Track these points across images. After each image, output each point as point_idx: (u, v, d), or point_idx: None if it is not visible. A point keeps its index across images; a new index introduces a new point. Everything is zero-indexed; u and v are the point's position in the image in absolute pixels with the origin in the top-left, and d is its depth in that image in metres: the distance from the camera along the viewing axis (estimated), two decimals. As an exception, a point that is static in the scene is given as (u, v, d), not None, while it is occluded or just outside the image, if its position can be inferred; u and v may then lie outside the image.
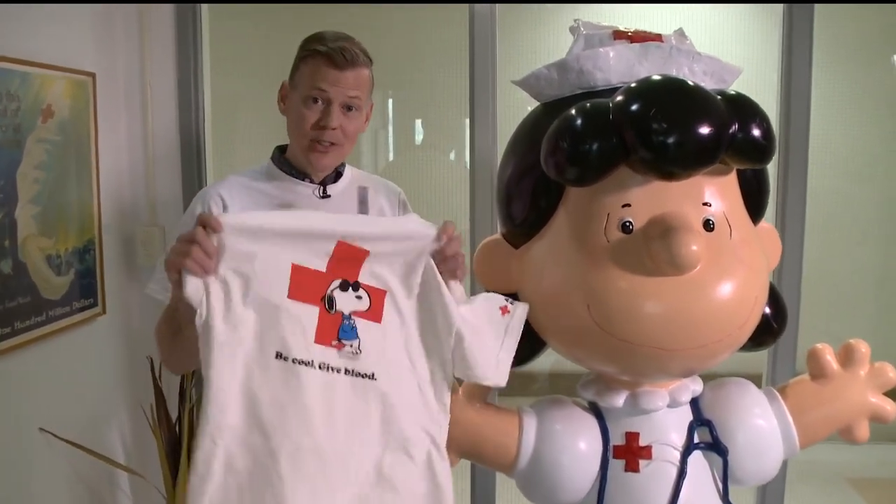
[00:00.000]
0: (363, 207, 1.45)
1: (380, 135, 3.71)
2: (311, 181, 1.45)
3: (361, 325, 1.27)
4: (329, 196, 1.44)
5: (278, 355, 1.22)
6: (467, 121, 2.20)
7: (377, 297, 1.29)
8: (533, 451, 1.45)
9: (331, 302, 1.26)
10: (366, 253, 1.27)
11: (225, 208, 1.36)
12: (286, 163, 1.47)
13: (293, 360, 1.23)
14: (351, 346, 1.27)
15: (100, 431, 2.08)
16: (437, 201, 2.54)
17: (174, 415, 2.18)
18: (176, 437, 2.17)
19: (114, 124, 2.16)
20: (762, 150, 1.30)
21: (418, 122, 3.36)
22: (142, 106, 2.25)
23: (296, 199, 1.40)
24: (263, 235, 1.20)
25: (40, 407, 1.81)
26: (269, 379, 1.21)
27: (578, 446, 1.45)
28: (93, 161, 2.01)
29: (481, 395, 1.51)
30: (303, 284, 1.23)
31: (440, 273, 1.29)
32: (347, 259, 1.26)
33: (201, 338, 1.19)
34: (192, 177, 2.33)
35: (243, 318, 1.20)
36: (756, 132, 1.28)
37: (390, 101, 3.36)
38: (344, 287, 1.26)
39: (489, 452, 1.50)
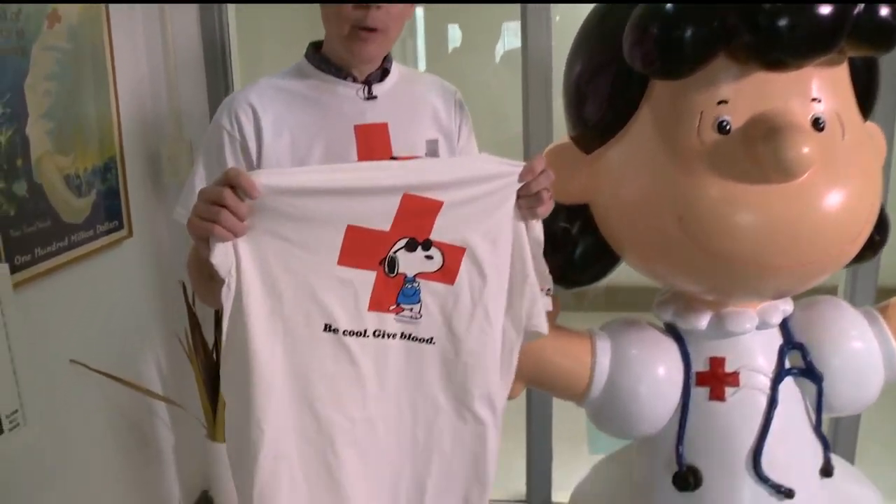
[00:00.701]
0: (413, 112, 1.28)
1: (408, 45, 3.50)
2: (354, 80, 1.22)
3: (427, 287, 1.12)
4: (375, 97, 1.21)
5: (327, 328, 1.08)
6: (510, 23, 1.99)
7: (453, 256, 1.11)
8: (607, 378, 1.33)
9: (392, 264, 1.09)
10: (439, 204, 1.07)
11: (256, 118, 1.17)
12: (323, 60, 1.22)
13: (344, 332, 1.09)
14: (411, 310, 1.12)
15: (134, 361, 1.98)
16: (481, 109, 2.35)
17: (210, 341, 2.08)
18: (213, 365, 2.07)
19: (129, 30, 1.98)
20: (889, 33, 1.11)
21: (452, 28, 3.13)
22: (159, 8, 2.06)
23: (337, 102, 1.20)
24: (310, 195, 1.01)
25: (69, 338, 1.70)
26: (317, 355, 1.08)
27: (657, 373, 1.33)
28: (109, 71, 1.84)
29: (551, 317, 1.38)
30: (358, 248, 1.06)
31: (521, 212, 1.13)
32: (417, 213, 1.07)
33: (232, 313, 1.02)
34: (218, 84, 2.13)
35: (283, 289, 1.04)
36: (884, 12, 1.08)
37: (419, 8, 3.12)
38: (411, 247, 1.08)
39: (558, 380, 1.37)
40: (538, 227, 1.16)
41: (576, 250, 1.37)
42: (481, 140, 1.38)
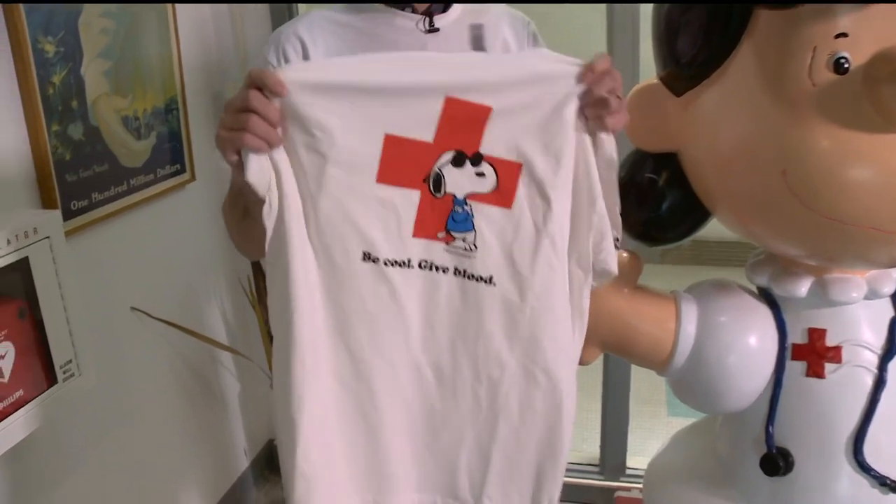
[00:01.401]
0: (478, 47, 1.13)
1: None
2: (414, 10, 1.10)
3: (481, 211, 0.99)
4: (437, 29, 1.09)
5: (366, 256, 0.97)
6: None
7: (507, 173, 0.97)
8: (692, 347, 1.20)
9: (438, 182, 0.97)
10: (487, 110, 0.93)
11: (305, 53, 1.07)
12: None
13: (385, 262, 0.97)
14: (464, 239, 0.99)
15: (197, 309, 1.95)
16: (561, 46, 2.17)
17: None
18: (278, 313, 2.02)
19: (191, -35, 1.90)
20: None
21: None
22: (221, -58, 1.97)
23: (394, 35, 1.09)
24: (343, 94, 0.90)
25: (129, 285, 1.67)
26: (355, 286, 0.97)
27: (748, 343, 1.19)
28: (169, 8, 1.77)
29: (631, 276, 1.25)
30: (399, 162, 0.94)
31: (587, 122, 0.97)
32: (463, 121, 0.94)
33: (273, 236, 0.93)
34: (283, 21, 2.00)
35: (319, 211, 0.94)
36: None
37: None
38: (458, 161, 0.96)
39: (638, 347, 1.25)
40: (609, 144, 0.98)
41: (662, 204, 1.23)
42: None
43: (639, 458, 2.14)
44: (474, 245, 0.99)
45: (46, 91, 1.39)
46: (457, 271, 1.00)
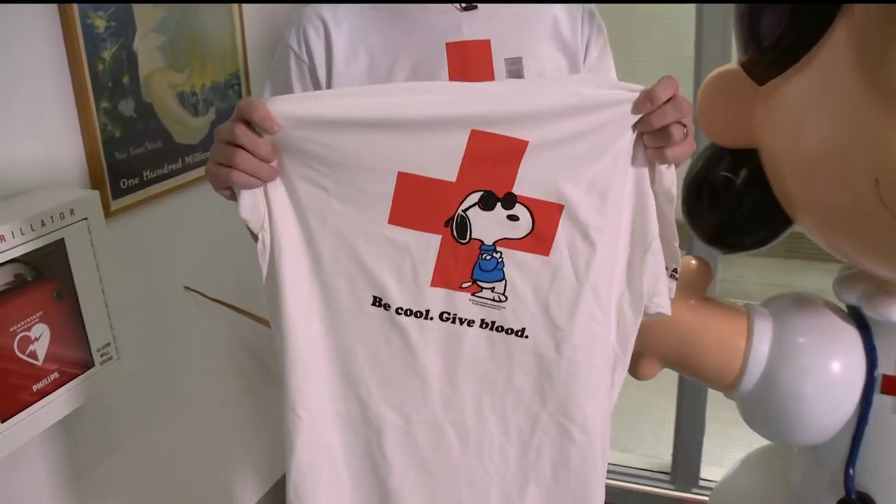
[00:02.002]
0: (525, 24, 0.97)
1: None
2: None
3: (513, 258, 0.87)
4: (475, 6, 0.94)
5: (376, 302, 0.87)
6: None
7: (546, 216, 0.85)
8: (765, 369, 1.07)
9: (463, 227, 0.85)
10: (522, 145, 0.81)
11: (327, 35, 0.95)
12: None
13: (398, 311, 0.87)
14: (492, 289, 0.88)
15: (252, 289, 1.90)
16: (647, 23, 1.99)
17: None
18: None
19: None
20: None
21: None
22: None
23: (426, 13, 0.95)
24: (346, 129, 0.79)
25: (183, 264, 1.64)
26: (364, 333, 0.88)
27: (830, 370, 1.05)
28: (235, -20, 1.72)
29: (699, 285, 1.12)
30: (414, 202, 0.83)
31: (644, 151, 0.85)
32: (492, 157, 0.82)
33: (268, 275, 0.85)
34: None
35: (323, 250, 0.85)
36: None
37: None
38: (487, 203, 0.84)
39: (704, 365, 1.12)
40: (669, 177, 0.86)
41: (739, 207, 1.09)
42: (646, 62, 1.10)
43: (714, 468, 1.99)
44: (504, 296, 0.88)
45: (96, 67, 1.35)
46: (484, 324, 0.90)
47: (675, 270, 0.93)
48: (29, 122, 1.26)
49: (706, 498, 1.98)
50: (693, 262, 1.12)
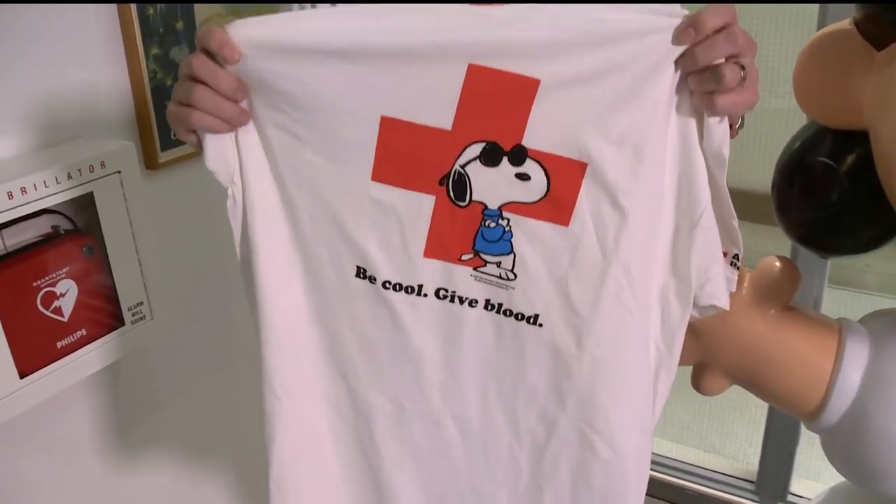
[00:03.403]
0: None
1: None
2: None
3: (522, 227, 0.72)
4: None
5: (360, 273, 0.75)
6: None
7: (564, 175, 0.70)
8: (854, 401, 0.88)
9: (461, 185, 0.71)
10: (532, 85, 0.65)
11: None
12: None
13: (385, 284, 0.75)
14: (498, 264, 0.74)
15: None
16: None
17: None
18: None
19: None
20: None
21: None
22: None
23: None
24: (319, 59, 0.66)
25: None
26: (348, 307, 0.76)
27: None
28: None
29: (782, 292, 0.94)
30: (402, 155, 0.70)
31: (691, 98, 0.68)
32: (496, 100, 0.67)
33: (241, 238, 0.75)
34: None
35: (299, 210, 0.73)
36: None
37: None
38: (491, 157, 0.69)
39: (779, 388, 0.94)
40: (718, 134, 0.69)
41: (839, 201, 0.90)
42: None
43: (806, 482, 1.79)
44: (512, 272, 0.74)
45: (146, 11, 1.28)
46: (489, 305, 0.76)
47: (736, 257, 0.76)
48: (75, 69, 1.21)
49: (794, 515, 1.80)
50: (776, 263, 0.94)
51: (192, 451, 1.56)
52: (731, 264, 0.76)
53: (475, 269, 0.74)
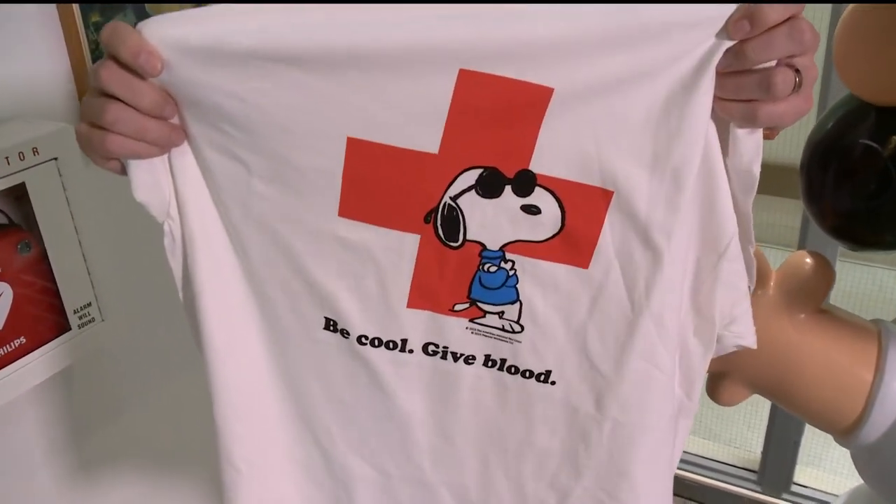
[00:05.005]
0: None
1: None
2: None
3: (531, 271, 0.60)
4: None
5: (330, 325, 0.62)
6: None
7: (584, 208, 0.57)
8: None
9: (452, 222, 0.58)
10: (544, 94, 0.52)
11: None
12: None
13: (361, 340, 0.62)
14: (500, 313, 0.61)
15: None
16: None
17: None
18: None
19: None
20: None
21: None
22: None
23: None
24: (268, 67, 0.52)
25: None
26: (316, 364, 0.64)
27: None
28: None
29: (814, 294, 0.82)
30: (376, 185, 0.56)
31: (722, 108, 0.54)
32: (495, 114, 0.53)
33: (183, 281, 0.62)
34: None
35: (250, 249, 0.60)
36: None
37: None
38: (490, 187, 0.56)
39: (812, 400, 0.83)
40: (749, 148, 0.55)
41: (881, 189, 0.78)
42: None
43: (810, 470, 1.70)
44: (518, 324, 0.62)
45: (84, -28, 1.13)
46: (489, 361, 0.64)
47: (748, 288, 0.64)
48: (6, 42, 1.07)
49: (798, 507, 1.71)
50: (807, 260, 0.82)
51: (157, 461, 1.44)
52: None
53: (472, 320, 0.62)
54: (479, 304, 0.62)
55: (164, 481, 1.46)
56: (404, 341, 0.63)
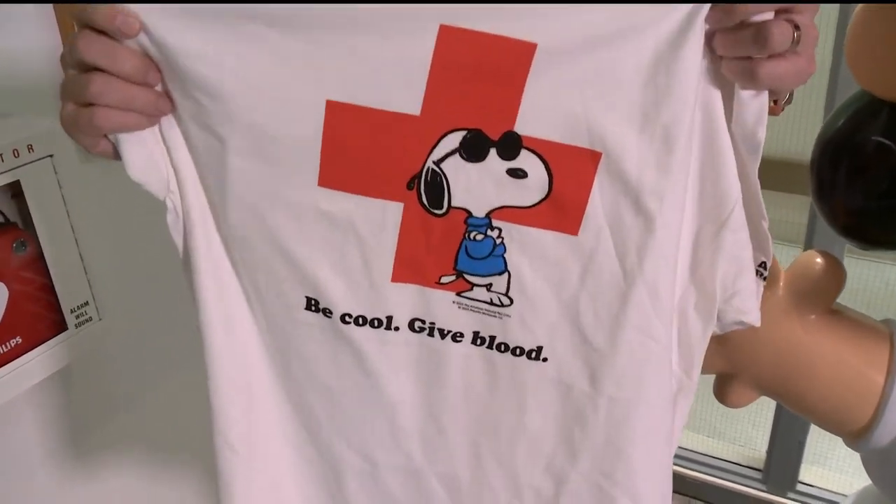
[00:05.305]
0: None
1: None
2: None
3: (518, 238, 0.57)
4: None
5: (311, 305, 0.60)
6: None
7: (572, 170, 0.54)
8: (909, 423, 0.76)
9: (437, 188, 0.56)
10: (527, 50, 0.50)
11: None
12: None
13: (344, 319, 0.60)
14: (488, 286, 0.59)
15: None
16: None
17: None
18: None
19: None
20: None
21: None
22: None
23: None
24: (239, 27, 0.50)
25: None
26: (299, 345, 0.62)
27: None
28: None
29: (825, 294, 0.80)
30: (357, 151, 0.54)
31: (717, 65, 0.53)
32: (478, 72, 0.51)
33: (183, 257, 0.60)
34: None
35: (230, 227, 0.58)
36: None
37: None
38: (475, 149, 0.54)
39: (821, 403, 0.82)
40: (753, 111, 0.53)
41: (894, 187, 0.77)
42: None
43: (816, 469, 1.69)
44: (507, 296, 0.59)
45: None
46: (478, 338, 0.61)
47: (762, 265, 0.62)
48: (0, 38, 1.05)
49: (804, 505, 1.70)
50: (817, 259, 0.81)
51: (155, 459, 1.43)
52: (756, 273, 0.63)
53: (459, 293, 0.60)
54: (466, 276, 0.59)
55: (163, 479, 1.45)
56: (389, 318, 0.61)
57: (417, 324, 0.61)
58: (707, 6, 0.49)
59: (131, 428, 1.35)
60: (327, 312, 0.60)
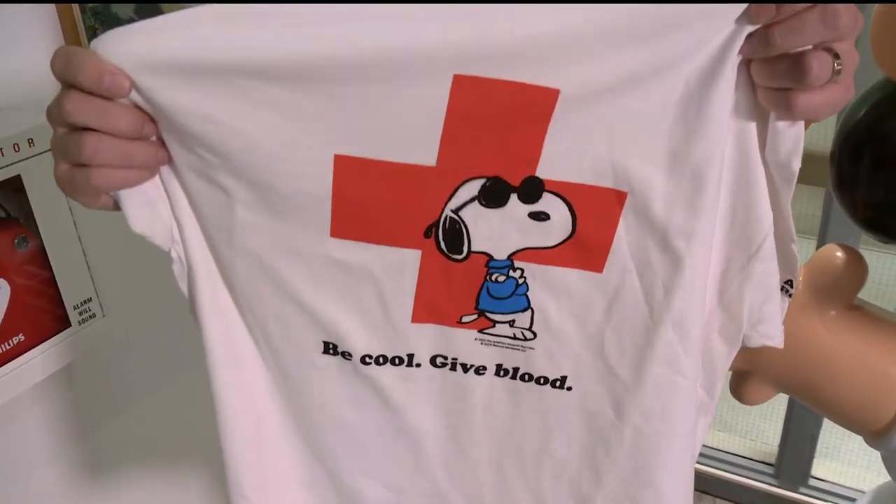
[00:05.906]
0: None
1: None
2: None
3: (541, 278, 0.56)
4: None
5: (330, 349, 0.58)
6: None
7: (596, 210, 0.52)
8: (934, 419, 0.74)
9: (455, 233, 0.53)
10: (550, 97, 0.47)
11: None
12: None
13: (365, 360, 0.58)
14: (511, 322, 0.57)
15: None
16: None
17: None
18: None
19: None
20: None
21: None
22: None
23: None
24: (240, 83, 0.46)
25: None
26: (317, 390, 0.61)
27: None
28: None
29: (846, 289, 0.78)
30: (370, 202, 0.52)
31: (753, 94, 0.50)
32: (496, 120, 0.48)
33: (192, 307, 0.58)
34: None
35: (237, 277, 0.56)
36: None
37: None
38: (495, 196, 0.52)
39: (841, 400, 0.80)
40: (789, 141, 0.50)
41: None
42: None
43: (829, 463, 1.67)
44: (530, 331, 0.58)
45: (81, -44, 1.10)
46: (502, 371, 0.60)
47: (789, 283, 0.60)
48: (1, 32, 1.03)
49: (815, 500, 1.68)
50: (838, 253, 0.79)
51: (159, 457, 1.42)
52: (782, 289, 0.61)
53: (481, 331, 0.58)
54: (488, 315, 0.58)
55: (167, 476, 1.44)
56: (411, 356, 0.59)
57: (439, 360, 0.60)
58: (741, 38, 0.46)
59: (136, 426, 1.34)
60: (346, 355, 0.58)
